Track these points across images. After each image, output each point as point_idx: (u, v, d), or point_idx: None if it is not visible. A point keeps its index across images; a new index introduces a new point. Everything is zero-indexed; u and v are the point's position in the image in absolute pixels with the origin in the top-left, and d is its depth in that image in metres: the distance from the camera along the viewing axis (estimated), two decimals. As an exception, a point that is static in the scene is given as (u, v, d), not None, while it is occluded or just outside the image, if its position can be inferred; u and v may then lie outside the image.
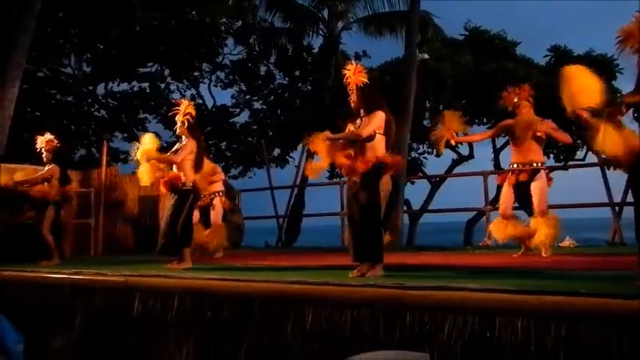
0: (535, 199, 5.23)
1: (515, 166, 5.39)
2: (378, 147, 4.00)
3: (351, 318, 3.13)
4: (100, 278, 4.65)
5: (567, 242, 6.18)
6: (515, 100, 5.35)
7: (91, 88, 15.07)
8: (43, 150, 6.72)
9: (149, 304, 4.12)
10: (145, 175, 5.50)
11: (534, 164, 5.30)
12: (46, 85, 13.79)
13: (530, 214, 5.39)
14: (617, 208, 7.94)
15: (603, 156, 4.75)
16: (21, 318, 4.79)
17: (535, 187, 5.23)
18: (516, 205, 5.53)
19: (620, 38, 3.30)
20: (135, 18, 13.11)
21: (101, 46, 13.95)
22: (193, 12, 14.09)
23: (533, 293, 2.66)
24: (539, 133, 5.23)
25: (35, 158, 7.32)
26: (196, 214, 6.74)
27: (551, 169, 5.57)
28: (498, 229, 5.41)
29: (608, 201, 7.87)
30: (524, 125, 5.26)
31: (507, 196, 5.42)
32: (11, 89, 8.43)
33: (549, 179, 5.44)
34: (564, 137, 5.47)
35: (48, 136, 6.79)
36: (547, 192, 5.34)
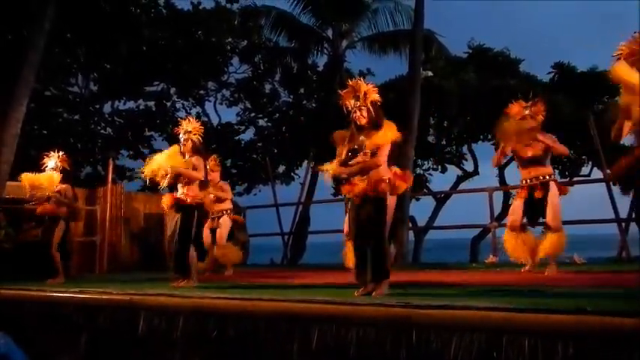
0: (549, 215, 5.10)
1: (525, 182, 5.29)
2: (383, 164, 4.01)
3: (357, 337, 3.11)
4: (104, 297, 4.64)
5: (575, 259, 6.13)
6: (527, 112, 5.20)
7: (97, 106, 15.20)
8: (53, 167, 6.60)
9: (154, 323, 4.10)
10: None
11: (542, 177, 5.20)
12: (53, 103, 13.91)
13: (539, 229, 5.35)
14: (623, 224, 7.89)
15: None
16: (26, 337, 4.78)
17: (548, 203, 5.12)
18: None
19: (619, 55, 3.33)
20: (141, 37, 13.28)
21: (108, 65, 14.11)
22: (199, 32, 14.26)
23: (540, 311, 2.64)
24: (539, 137, 5.06)
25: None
26: (208, 235, 6.74)
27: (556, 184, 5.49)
28: (510, 243, 5.31)
29: (614, 217, 7.83)
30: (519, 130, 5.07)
31: (517, 208, 5.33)
32: (19, 108, 8.49)
33: (564, 189, 5.35)
34: (563, 149, 5.36)
35: (61, 154, 6.72)
36: (560, 206, 5.20)
